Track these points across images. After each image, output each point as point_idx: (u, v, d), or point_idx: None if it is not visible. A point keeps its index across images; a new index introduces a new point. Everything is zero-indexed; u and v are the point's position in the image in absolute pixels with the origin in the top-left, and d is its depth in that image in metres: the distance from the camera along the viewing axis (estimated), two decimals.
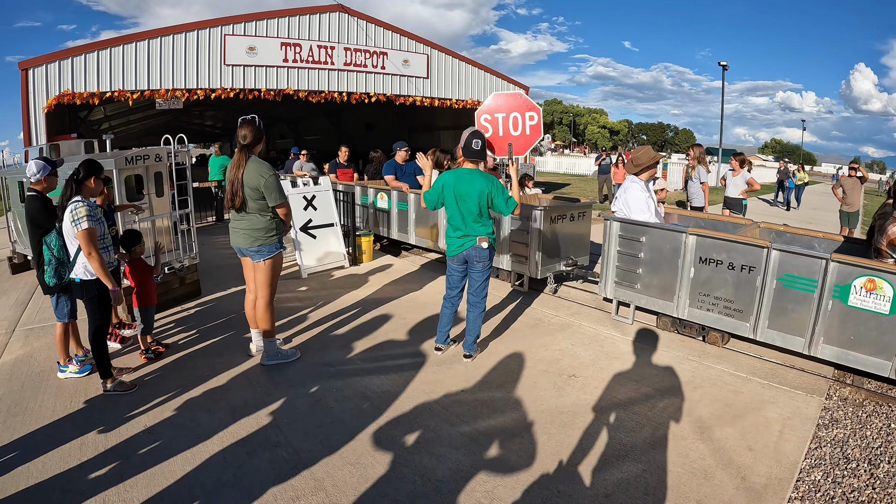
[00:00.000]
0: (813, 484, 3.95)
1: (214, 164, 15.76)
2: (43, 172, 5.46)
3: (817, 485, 3.94)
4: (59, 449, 4.20)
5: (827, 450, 4.38)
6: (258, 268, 5.61)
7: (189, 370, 5.63)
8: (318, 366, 5.78)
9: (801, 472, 4.08)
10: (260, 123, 5.50)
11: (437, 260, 10.60)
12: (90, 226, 4.79)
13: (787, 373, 5.73)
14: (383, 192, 11.15)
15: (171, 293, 7.62)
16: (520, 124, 7.23)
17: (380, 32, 19.71)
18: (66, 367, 5.49)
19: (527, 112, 7.18)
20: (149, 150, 8.00)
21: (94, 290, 4.96)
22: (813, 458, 4.27)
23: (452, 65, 21.87)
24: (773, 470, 4.08)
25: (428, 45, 21.07)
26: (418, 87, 20.90)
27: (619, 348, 6.32)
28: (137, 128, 39.62)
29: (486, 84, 22.86)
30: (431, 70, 21.18)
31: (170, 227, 8.25)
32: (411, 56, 20.55)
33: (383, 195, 11.15)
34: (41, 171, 5.47)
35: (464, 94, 22.19)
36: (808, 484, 3.95)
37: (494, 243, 5.83)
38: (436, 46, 21.33)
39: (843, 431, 4.65)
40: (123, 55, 15.02)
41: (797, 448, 4.37)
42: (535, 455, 4.22)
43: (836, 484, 3.95)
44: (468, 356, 5.93)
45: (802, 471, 4.09)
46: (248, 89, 17.00)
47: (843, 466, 4.17)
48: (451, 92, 21.88)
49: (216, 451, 4.19)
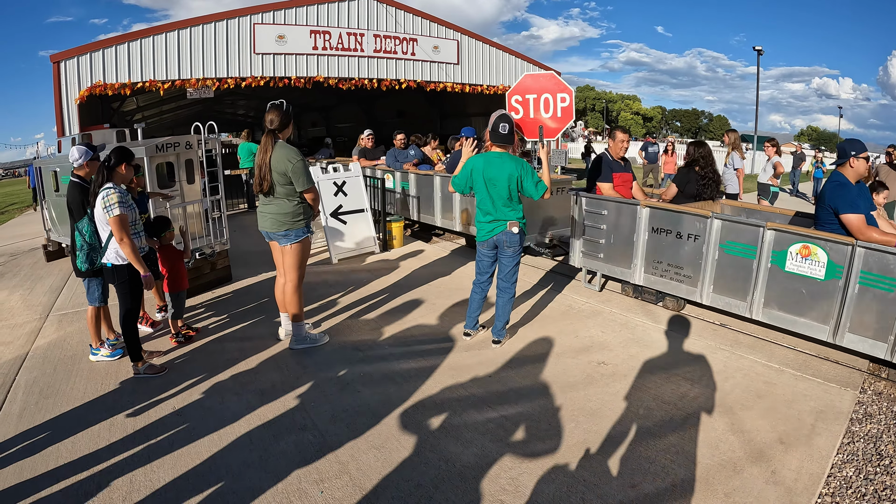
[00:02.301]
0: (844, 480, 3.80)
1: (243, 151, 15.83)
2: (85, 157, 5.55)
3: (849, 481, 3.79)
4: (88, 430, 4.25)
5: (860, 445, 4.21)
6: (285, 252, 5.62)
7: (218, 354, 5.67)
8: (346, 350, 5.76)
9: (833, 467, 3.93)
10: (288, 108, 5.48)
11: (467, 245, 10.53)
12: (122, 212, 4.83)
13: (821, 364, 5.54)
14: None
15: (202, 278, 7.67)
16: (551, 106, 7.13)
17: (409, 19, 19.66)
18: (98, 351, 5.56)
19: (558, 94, 7.07)
20: (179, 137, 8.05)
21: (126, 274, 5.00)
22: (845, 453, 4.10)
23: (483, 50, 21.73)
24: (804, 464, 3.94)
25: (458, 30, 20.96)
26: (449, 73, 20.82)
27: (649, 336, 6.19)
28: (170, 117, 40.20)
29: (518, 70, 22.69)
30: (462, 56, 21.08)
31: (201, 213, 8.30)
32: (441, 42, 20.46)
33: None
34: (83, 157, 5.56)
35: (495, 80, 22.07)
36: (839, 480, 3.80)
37: (525, 228, 5.74)
38: (466, 32, 21.20)
39: (877, 427, 4.46)
40: (154, 46, 15.21)
41: (829, 442, 4.21)
42: (561, 442, 4.15)
43: (869, 481, 3.80)
44: (497, 342, 5.86)
45: (834, 466, 3.94)
46: (277, 77, 17.10)
47: (876, 463, 4.00)
48: (482, 78, 21.77)
49: (243, 433, 4.20)
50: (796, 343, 5.96)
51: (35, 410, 4.59)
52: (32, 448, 4.05)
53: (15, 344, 6.10)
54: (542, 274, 8.52)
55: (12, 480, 3.70)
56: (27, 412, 4.57)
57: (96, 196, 4.93)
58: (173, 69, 15.46)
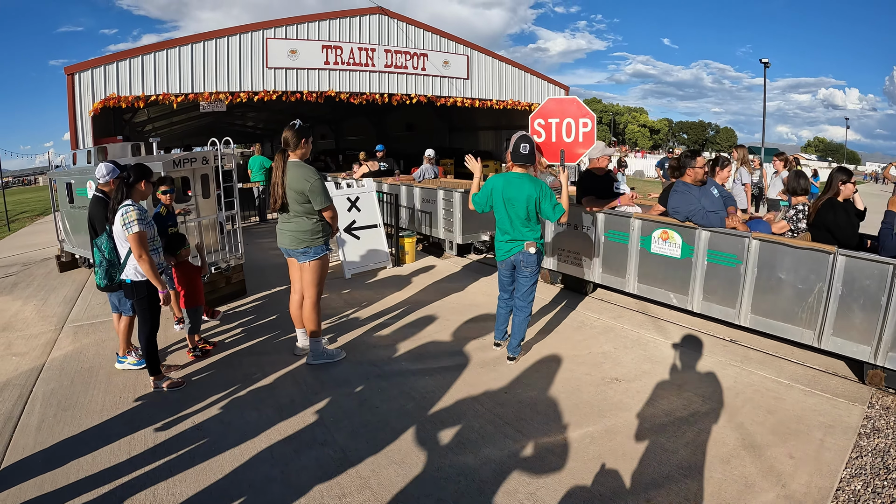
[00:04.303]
0: (853, 493, 3.83)
1: (254, 165, 15.94)
2: (112, 175, 5.61)
3: (857, 494, 3.82)
4: (108, 444, 4.28)
5: (868, 459, 4.23)
6: (304, 269, 5.66)
7: (236, 369, 5.69)
8: (363, 365, 5.78)
9: (842, 481, 3.96)
10: (301, 128, 5.54)
11: (479, 261, 10.56)
12: (141, 229, 4.86)
13: (830, 380, 5.55)
14: None
15: (217, 293, 7.71)
16: (573, 130, 7.13)
17: (419, 34, 19.77)
18: (125, 358, 5.64)
19: (580, 118, 7.07)
20: (195, 153, 8.11)
21: (145, 290, 5.04)
22: (854, 467, 4.13)
23: (492, 65, 21.83)
24: (813, 478, 3.96)
25: (467, 45, 21.07)
26: (458, 87, 20.91)
27: (661, 352, 6.20)
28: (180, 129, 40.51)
29: (527, 84, 22.77)
30: (471, 71, 21.17)
31: (216, 227, 8.35)
32: (451, 57, 20.56)
33: None
34: (111, 174, 5.63)
35: (504, 94, 22.14)
36: (848, 493, 3.83)
37: (543, 248, 5.76)
38: (475, 47, 21.31)
39: (885, 441, 4.48)
40: (167, 59, 15.31)
41: (838, 457, 4.24)
42: (577, 458, 4.16)
43: (877, 494, 3.82)
44: (512, 358, 5.87)
45: (843, 480, 3.97)
46: (289, 92, 17.18)
47: (884, 477, 4.02)
48: (491, 93, 21.84)
49: (263, 448, 4.22)
50: (806, 359, 5.98)
51: (54, 423, 4.62)
52: (52, 461, 4.07)
53: (31, 355, 6.14)
54: (556, 291, 8.53)
55: (33, 493, 3.72)
56: (45, 424, 4.60)
57: (115, 213, 4.97)
58: (186, 83, 15.57)
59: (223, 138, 8.44)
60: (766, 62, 35.86)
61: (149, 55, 15.13)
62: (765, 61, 35.90)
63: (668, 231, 6.76)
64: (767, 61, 35.73)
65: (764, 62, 35.99)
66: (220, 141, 8.26)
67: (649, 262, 7.06)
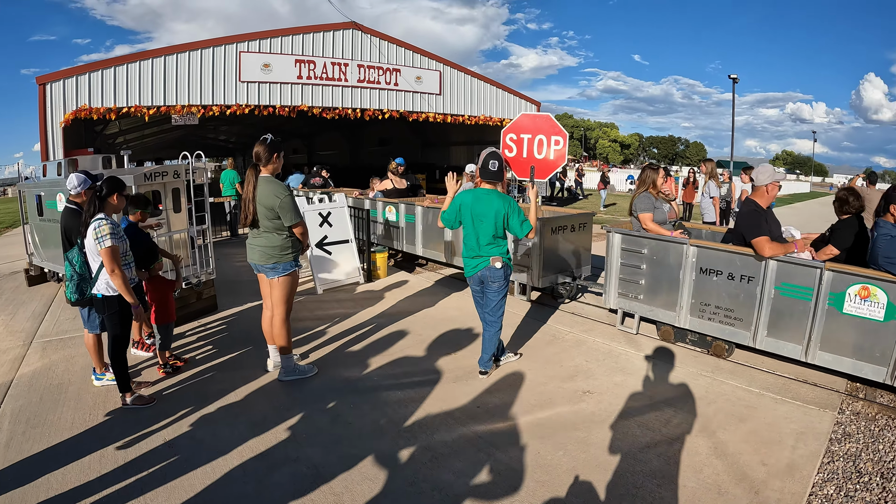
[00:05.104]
0: (826, 498, 3.95)
1: (226, 179, 15.86)
2: (84, 186, 5.59)
3: (830, 499, 3.94)
4: (79, 461, 4.23)
5: (840, 464, 4.37)
6: (274, 284, 5.67)
7: (207, 385, 5.67)
8: (335, 381, 5.79)
9: (814, 486, 4.08)
10: (273, 143, 5.56)
11: (451, 276, 10.62)
12: (113, 243, 4.84)
13: (800, 388, 5.71)
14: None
15: (188, 308, 7.67)
16: (545, 147, 7.23)
17: (392, 49, 19.92)
18: (103, 375, 5.59)
19: (553, 136, 7.20)
20: (167, 167, 8.09)
21: (116, 305, 5.00)
22: (826, 472, 4.26)
23: (464, 81, 22.04)
24: (786, 484, 4.07)
25: (440, 61, 21.25)
26: (431, 103, 21.06)
27: (633, 364, 6.31)
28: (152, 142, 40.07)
29: (499, 100, 23.02)
30: (444, 86, 21.35)
31: (187, 242, 8.32)
32: (424, 73, 20.73)
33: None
34: (82, 185, 5.61)
35: (476, 110, 22.34)
36: (820, 498, 3.95)
37: (510, 262, 5.84)
38: (448, 63, 21.50)
39: (856, 445, 4.64)
40: (140, 71, 15.25)
41: (810, 462, 4.37)
42: (551, 470, 4.22)
43: (849, 498, 3.95)
44: (484, 372, 5.93)
45: (815, 485, 4.09)
46: (262, 106, 17.20)
47: (856, 480, 4.16)
48: (464, 108, 22.03)
49: (236, 465, 4.21)
50: (776, 367, 6.14)
51: (23, 440, 4.56)
52: (22, 478, 4.02)
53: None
54: (527, 305, 8.61)
55: None
56: (14, 441, 4.54)
57: (87, 226, 4.95)
58: (159, 95, 15.50)
59: (195, 152, 8.42)
60: (735, 78, 36.62)
61: (121, 66, 15.06)
62: (733, 77, 36.67)
63: (869, 286, 5.43)
64: (736, 77, 36.50)
65: (733, 78, 36.74)
66: (192, 155, 8.24)
67: (838, 326, 5.62)
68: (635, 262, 7.00)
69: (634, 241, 6.99)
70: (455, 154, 30.31)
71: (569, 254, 8.80)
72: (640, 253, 6.94)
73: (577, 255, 8.97)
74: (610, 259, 7.20)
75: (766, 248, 5.78)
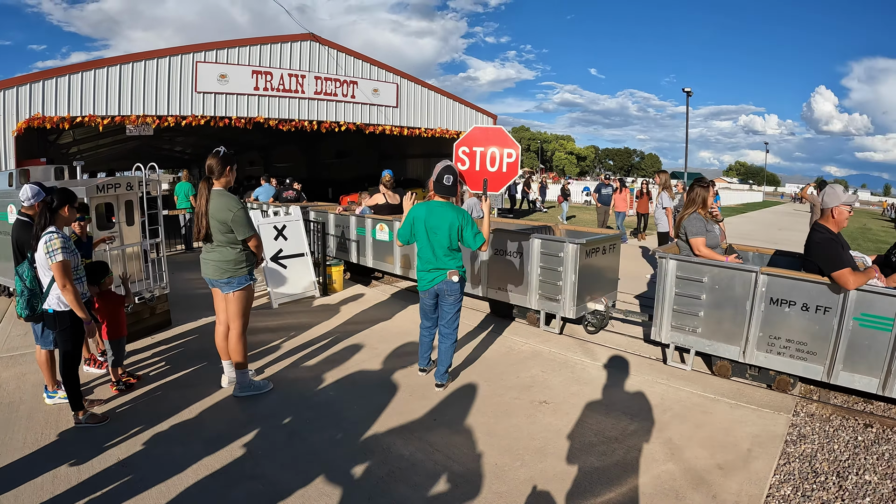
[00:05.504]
0: (783, 498, 4.10)
1: (180, 191, 15.68)
2: (37, 198, 5.49)
3: (787, 499, 4.10)
4: (31, 482, 4.17)
5: (796, 465, 4.55)
6: (228, 299, 5.66)
7: (161, 402, 5.62)
8: (291, 396, 5.80)
9: (772, 487, 4.23)
10: (227, 155, 5.56)
11: (406, 289, 10.68)
12: (65, 258, 4.78)
13: (755, 392, 5.92)
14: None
15: (141, 323, 7.57)
16: (497, 160, 7.32)
17: (350, 61, 19.95)
18: (55, 393, 5.49)
19: (505, 149, 7.29)
20: (120, 178, 7.99)
21: (68, 321, 4.93)
22: (782, 473, 4.43)
23: (421, 94, 22.17)
24: (743, 487, 4.21)
25: (397, 74, 21.35)
26: (388, 115, 21.12)
27: (589, 374, 6.45)
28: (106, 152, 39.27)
29: (455, 113, 23.20)
30: (401, 99, 21.44)
31: (140, 255, 8.22)
32: (381, 85, 20.79)
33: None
34: (36, 197, 5.51)
35: (433, 122, 22.47)
36: (778, 499, 4.10)
37: (465, 275, 5.94)
38: (405, 76, 21.61)
39: (811, 446, 4.84)
40: (95, 80, 14.97)
41: (766, 465, 4.52)
42: (508, 481, 4.29)
43: (806, 497, 4.11)
44: (440, 385, 6.01)
45: (772, 486, 4.24)
46: (218, 117, 17.03)
47: (813, 480, 4.34)
48: (420, 121, 22.14)
49: (192, 483, 4.20)
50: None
51: None
52: None
53: None
54: (482, 317, 8.72)
55: None
56: None
57: (38, 239, 4.88)
58: (114, 105, 15.22)
59: (149, 163, 8.34)
60: (689, 91, 37.51)
61: (76, 75, 14.75)
62: (687, 90, 37.55)
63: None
64: (690, 90, 37.39)
65: (686, 91, 37.63)
66: (146, 166, 8.16)
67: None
68: (694, 291, 6.39)
69: (694, 268, 6.39)
70: (412, 166, 30.40)
71: (602, 279, 8.30)
72: (699, 282, 6.35)
73: (609, 280, 8.54)
74: (663, 288, 6.62)
75: (851, 281, 5.33)
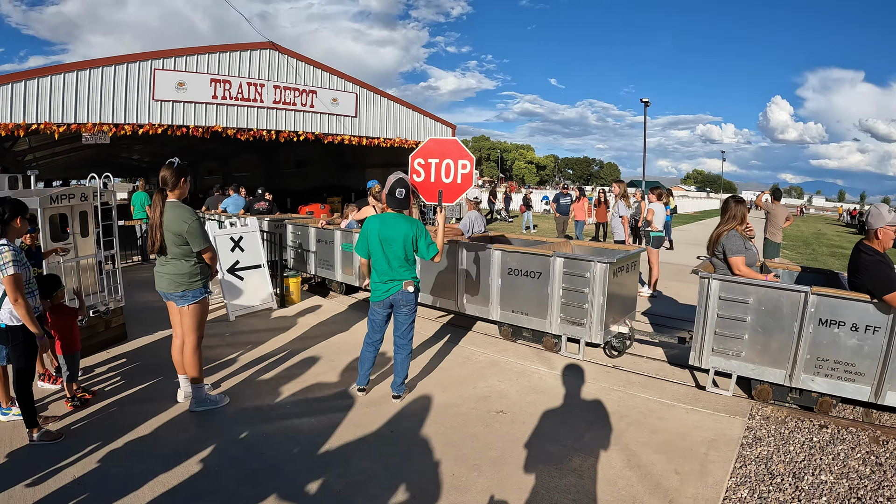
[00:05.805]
0: (740, 501, 4.25)
1: (137, 201, 15.47)
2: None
3: (744, 501, 4.24)
4: None
5: (752, 467, 4.71)
6: (183, 313, 5.65)
7: (117, 417, 5.59)
8: (247, 411, 5.82)
9: (728, 490, 4.37)
10: (181, 167, 5.56)
11: (364, 300, 10.72)
12: (16, 271, 4.73)
13: (711, 397, 6.13)
14: None
15: (95, 337, 7.48)
16: (451, 171, 7.42)
17: (309, 70, 19.93)
18: (9, 410, 5.41)
19: (460, 160, 7.39)
20: (74, 188, 7.89)
21: (20, 336, 4.89)
22: (738, 476, 4.58)
23: (381, 103, 22.24)
24: (700, 491, 4.35)
25: (357, 83, 21.39)
26: (347, 125, 21.14)
27: (546, 382, 6.58)
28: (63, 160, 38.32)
29: (414, 123, 23.33)
30: (360, 109, 21.48)
31: (94, 267, 8.12)
32: (340, 95, 20.81)
33: None
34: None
35: (392, 132, 22.55)
36: (734, 502, 4.24)
37: (419, 286, 6.06)
38: (364, 85, 21.66)
39: (767, 448, 5.01)
40: (51, 86, 14.67)
41: (723, 468, 4.67)
42: (466, 492, 4.37)
43: (763, 499, 4.27)
44: (397, 397, 6.08)
45: (729, 489, 4.38)
46: (176, 126, 16.83)
47: (769, 482, 4.50)
48: (380, 130, 22.21)
49: (149, 500, 4.19)
50: (686, 378, 6.53)
51: None
52: None
53: None
54: (437, 326, 8.82)
55: None
56: None
57: None
58: (70, 112, 14.93)
59: (104, 173, 8.26)
60: (647, 101, 37.97)
61: (32, 80, 14.42)
62: (645, 100, 38.01)
63: None
64: (648, 100, 37.84)
65: (644, 101, 38.10)
66: (101, 176, 8.08)
67: None
68: (738, 313, 6.12)
69: (739, 289, 6.11)
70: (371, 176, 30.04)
71: (625, 299, 8.08)
72: (744, 303, 6.08)
73: (630, 299, 8.33)
74: (704, 310, 6.30)
75: None
